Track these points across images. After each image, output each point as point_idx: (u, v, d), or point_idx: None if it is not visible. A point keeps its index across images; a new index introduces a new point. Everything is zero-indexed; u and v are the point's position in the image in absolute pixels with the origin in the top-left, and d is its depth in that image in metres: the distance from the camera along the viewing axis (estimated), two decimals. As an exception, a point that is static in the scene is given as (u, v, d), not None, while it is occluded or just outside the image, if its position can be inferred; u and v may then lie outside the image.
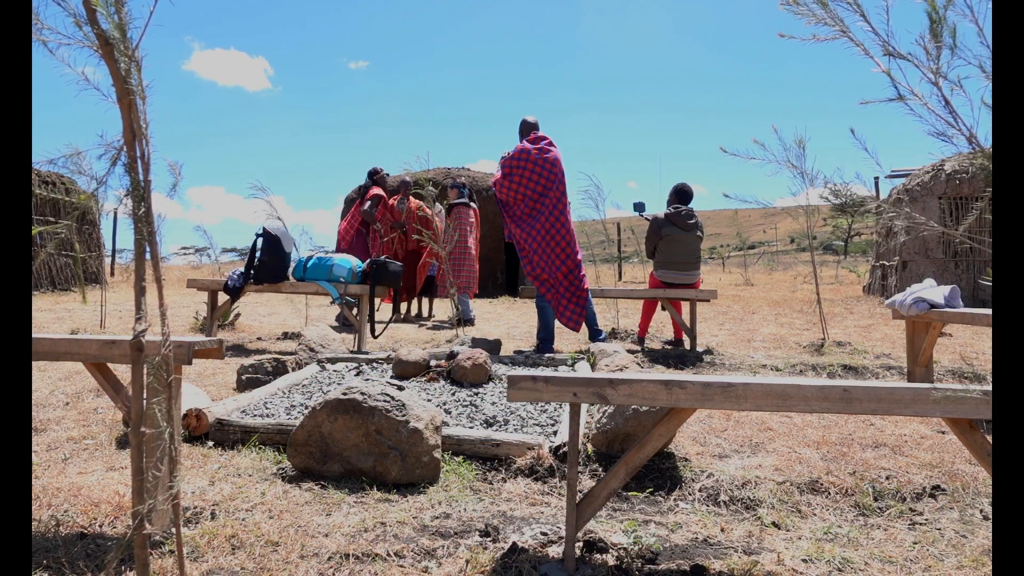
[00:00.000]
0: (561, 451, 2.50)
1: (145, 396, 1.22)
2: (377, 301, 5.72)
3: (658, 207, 6.27)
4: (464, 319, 7.33)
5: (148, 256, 1.16)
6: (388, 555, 1.76)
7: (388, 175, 7.76)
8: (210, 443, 2.72)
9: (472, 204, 7.88)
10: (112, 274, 14.62)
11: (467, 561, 1.73)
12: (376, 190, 7.57)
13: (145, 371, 1.21)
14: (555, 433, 2.80)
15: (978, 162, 1.34)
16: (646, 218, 6.19)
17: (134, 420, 1.17)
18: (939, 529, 2.03)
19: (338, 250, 7.47)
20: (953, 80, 1.33)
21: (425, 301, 8.54)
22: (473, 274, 7.66)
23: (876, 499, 2.27)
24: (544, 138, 5.13)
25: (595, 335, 5.25)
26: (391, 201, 8.06)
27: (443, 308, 8.95)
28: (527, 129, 5.21)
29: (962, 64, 1.32)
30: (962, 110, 1.34)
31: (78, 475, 2.35)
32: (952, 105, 1.33)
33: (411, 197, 7.95)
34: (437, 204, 8.37)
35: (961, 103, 1.34)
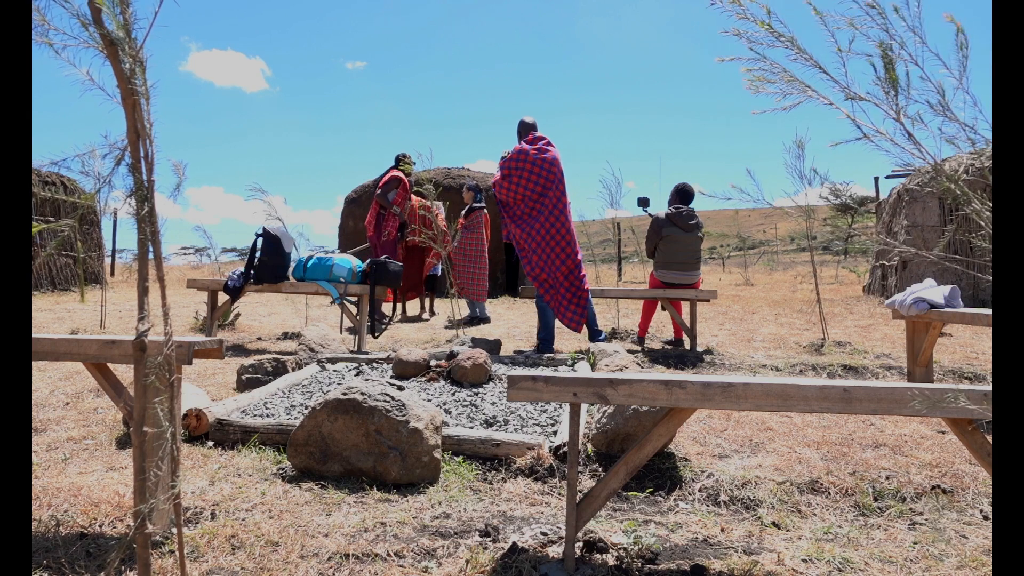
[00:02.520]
0: (561, 451, 2.50)
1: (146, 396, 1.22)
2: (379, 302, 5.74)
3: (658, 207, 6.27)
4: (481, 318, 7.53)
5: (151, 256, 1.16)
6: (388, 555, 1.76)
7: (414, 163, 7.61)
8: (210, 443, 2.73)
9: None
10: (112, 274, 14.62)
11: (467, 561, 1.73)
12: (395, 172, 7.45)
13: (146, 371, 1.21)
14: (555, 433, 2.80)
15: (943, 185, 1.38)
16: (649, 214, 6.19)
17: (136, 419, 1.18)
18: (939, 529, 2.04)
19: (367, 236, 7.41)
20: (913, 115, 1.38)
21: (427, 300, 8.56)
22: (486, 279, 7.81)
23: (876, 499, 2.27)
24: (542, 138, 5.14)
25: (595, 335, 5.26)
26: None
27: (444, 307, 8.94)
28: (525, 130, 5.22)
29: (922, 99, 1.38)
30: (926, 142, 1.40)
31: (78, 475, 2.35)
32: (915, 137, 1.37)
33: (413, 196, 7.94)
34: (438, 201, 8.40)
35: (924, 135, 1.39)
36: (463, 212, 7.92)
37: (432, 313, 8.36)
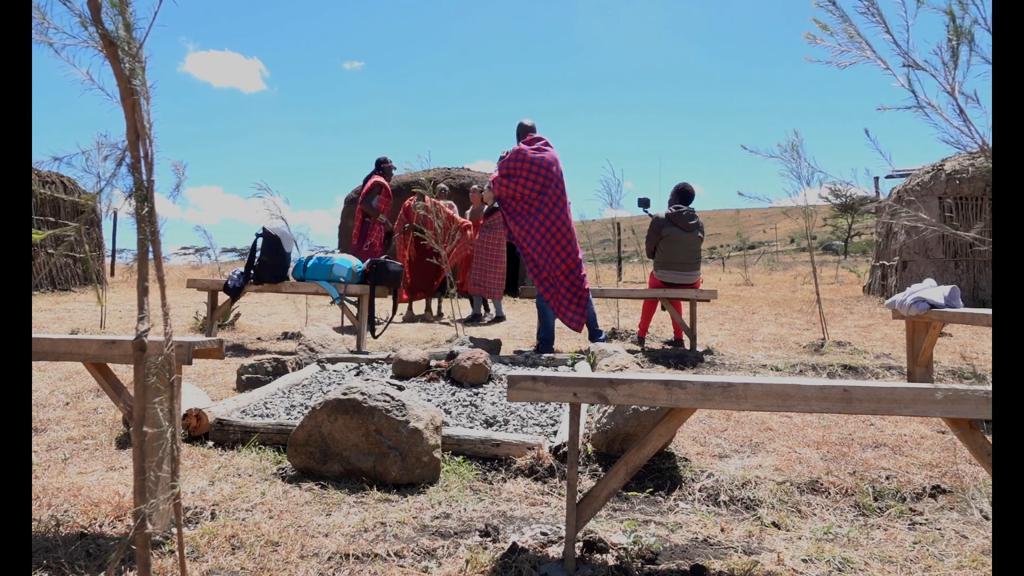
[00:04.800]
0: (561, 451, 2.50)
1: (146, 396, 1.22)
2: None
3: (658, 207, 6.28)
4: (498, 316, 7.81)
5: (151, 256, 1.16)
6: (388, 555, 1.76)
7: (395, 168, 7.70)
8: (210, 443, 2.72)
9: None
10: (112, 274, 14.63)
11: (467, 561, 1.73)
12: (376, 178, 7.48)
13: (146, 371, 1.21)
14: (555, 433, 2.80)
15: (979, 162, 1.36)
16: (649, 214, 6.20)
17: (137, 419, 1.18)
18: (939, 529, 2.03)
19: (351, 245, 7.49)
20: (968, 93, 1.35)
21: (434, 300, 8.60)
22: (504, 278, 7.93)
23: (876, 499, 2.27)
24: (540, 139, 5.17)
25: (595, 335, 5.26)
26: (407, 202, 8.06)
27: (445, 307, 8.94)
28: (524, 131, 5.26)
29: (979, 75, 1.34)
30: (976, 120, 1.36)
31: (78, 475, 2.35)
32: (967, 114, 1.35)
33: (426, 197, 7.96)
34: (449, 200, 8.48)
35: (975, 113, 1.36)
36: (484, 211, 7.99)
37: (440, 314, 8.39)
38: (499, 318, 7.86)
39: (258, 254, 5.32)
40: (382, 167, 7.58)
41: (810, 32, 1.42)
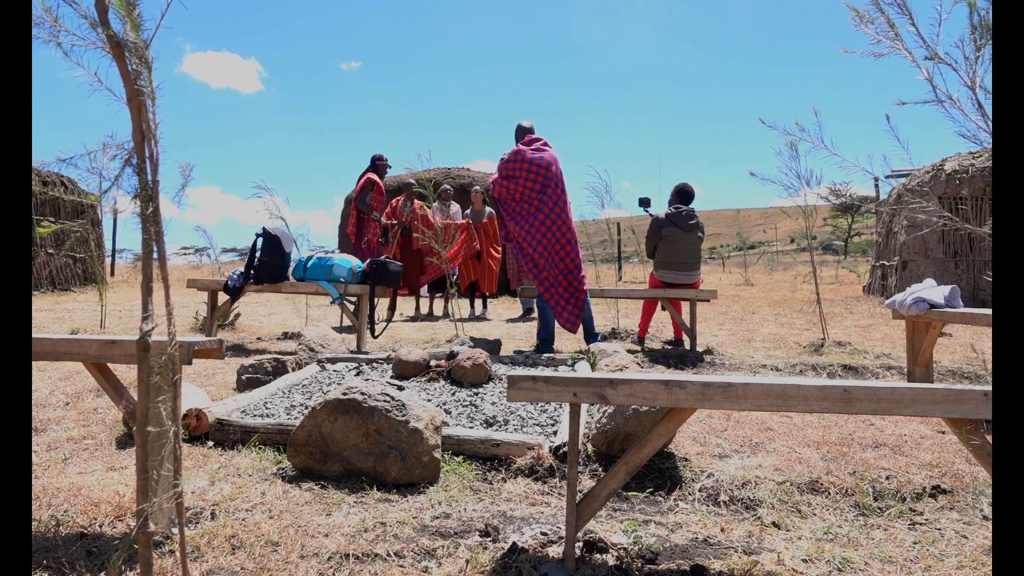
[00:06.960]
0: (561, 451, 2.50)
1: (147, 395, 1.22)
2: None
3: (658, 208, 6.28)
4: (528, 311, 7.97)
5: (155, 256, 1.16)
6: (388, 555, 1.76)
7: (390, 167, 7.76)
8: (210, 443, 2.72)
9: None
10: (112, 274, 14.63)
11: (467, 561, 1.73)
12: (369, 175, 7.54)
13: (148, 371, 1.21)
14: (555, 433, 2.80)
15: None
16: (650, 214, 6.20)
17: (139, 419, 1.18)
18: (939, 529, 2.04)
19: (351, 243, 7.56)
20: (988, 88, 1.35)
21: (428, 299, 8.60)
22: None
23: (876, 499, 2.27)
24: (539, 139, 5.18)
25: (591, 337, 5.26)
26: (394, 202, 8.08)
27: (440, 306, 8.93)
28: (522, 133, 5.27)
29: None
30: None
31: (78, 475, 2.35)
32: (985, 109, 1.34)
33: (415, 202, 7.99)
34: (454, 204, 8.51)
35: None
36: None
37: (445, 314, 8.39)
38: (530, 311, 7.99)
39: (258, 254, 5.32)
40: (376, 164, 7.63)
41: (854, 15, 1.42)
